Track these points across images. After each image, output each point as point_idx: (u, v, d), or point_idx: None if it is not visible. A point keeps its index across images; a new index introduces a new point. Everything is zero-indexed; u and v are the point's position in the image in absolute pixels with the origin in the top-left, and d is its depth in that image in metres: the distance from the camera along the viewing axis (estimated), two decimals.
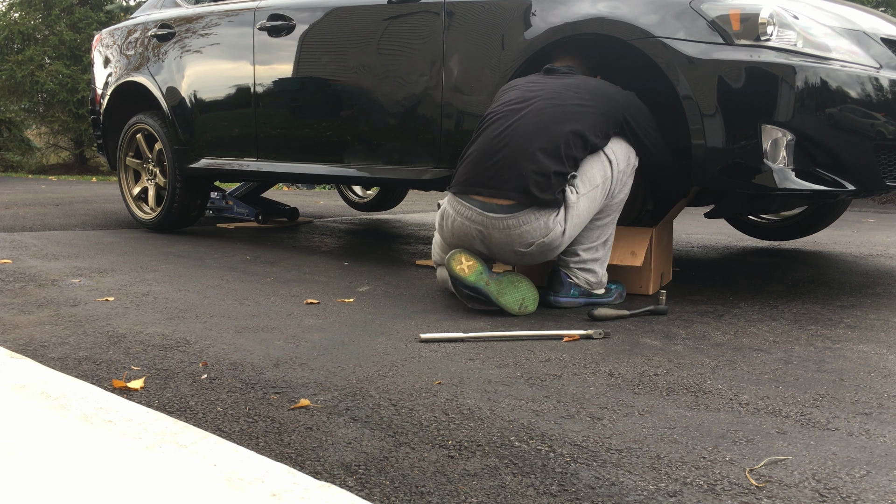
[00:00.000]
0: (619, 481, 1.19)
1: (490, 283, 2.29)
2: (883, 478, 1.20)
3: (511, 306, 2.29)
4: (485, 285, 2.29)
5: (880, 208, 6.54)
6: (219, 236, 4.16)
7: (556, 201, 2.25)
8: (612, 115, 2.37)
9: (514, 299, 2.30)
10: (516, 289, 2.30)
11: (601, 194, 2.35)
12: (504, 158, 2.27)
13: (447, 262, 2.31)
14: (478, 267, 2.29)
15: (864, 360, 1.85)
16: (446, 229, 2.41)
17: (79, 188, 7.93)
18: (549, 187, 2.23)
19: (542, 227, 2.26)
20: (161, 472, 1.11)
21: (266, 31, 3.57)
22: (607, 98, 2.39)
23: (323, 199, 7.44)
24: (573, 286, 2.42)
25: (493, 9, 2.83)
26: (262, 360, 1.82)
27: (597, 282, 2.44)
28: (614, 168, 2.36)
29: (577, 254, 2.42)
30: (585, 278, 2.42)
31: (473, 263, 2.29)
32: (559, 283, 2.42)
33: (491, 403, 1.53)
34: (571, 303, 2.42)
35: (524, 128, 2.29)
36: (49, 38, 12.05)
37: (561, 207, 2.27)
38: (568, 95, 2.35)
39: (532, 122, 2.30)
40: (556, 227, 2.27)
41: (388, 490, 1.16)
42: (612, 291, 2.49)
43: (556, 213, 2.27)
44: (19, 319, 2.19)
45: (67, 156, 13.36)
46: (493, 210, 2.27)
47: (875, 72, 2.41)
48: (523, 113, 2.33)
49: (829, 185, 2.36)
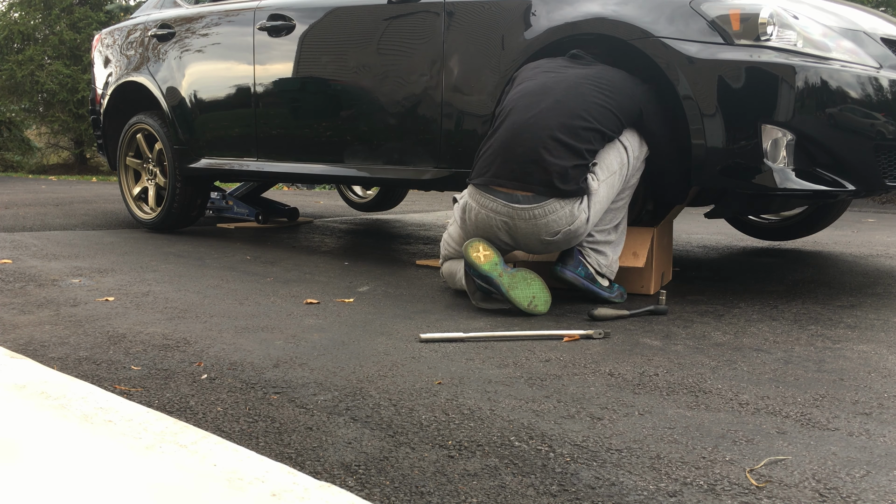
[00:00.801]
0: (619, 481, 1.19)
1: (503, 275, 2.29)
2: (883, 478, 1.20)
3: (521, 301, 2.29)
4: (497, 276, 2.29)
5: (880, 208, 6.54)
6: (219, 236, 4.16)
7: (581, 190, 2.30)
8: (629, 109, 2.42)
9: (525, 295, 2.30)
10: (528, 286, 2.31)
11: (619, 180, 2.41)
12: (527, 152, 2.31)
13: (465, 248, 2.32)
14: (494, 258, 2.31)
15: (864, 360, 1.85)
16: (469, 222, 2.43)
17: (79, 188, 7.93)
18: (571, 178, 2.27)
19: (567, 215, 2.30)
20: (161, 471, 1.11)
21: (266, 31, 3.57)
22: (626, 93, 2.43)
23: (323, 199, 7.44)
24: (582, 264, 2.44)
25: (493, 9, 2.83)
26: (262, 360, 1.82)
27: (607, 265, 2.47)
28: (630, 155, 2.42)
29: (591, 234, 2.46)
30: (597, 259, 2.46)
31: (490, 254, 2.31)
32: (570, 256, 2.45)
33: (491, 403, 1.53)
34: (574, 278, 2.43)
35: (545, 121, 2.32)
36: (49, 37, 12.05)
37: (584, 196, 2.32)
38: (587, 89, 2.38)
39: (551, 112, 2.33)
40: (580, 214, 2.32)
41: (388, 490, 1.16)
42: (613, 289, 2.50)
43: (581, 202, 2.31)
44: (19, 319, 2.19)
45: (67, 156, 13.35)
46: (517, 201, 2.30)
47: (875, 72, 2.41)
48: (543, 106, 2.36)
49: (830, 185, 2.36)
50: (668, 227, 2.80)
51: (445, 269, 2.64)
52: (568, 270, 2.43)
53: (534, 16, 2.72)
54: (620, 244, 2.52)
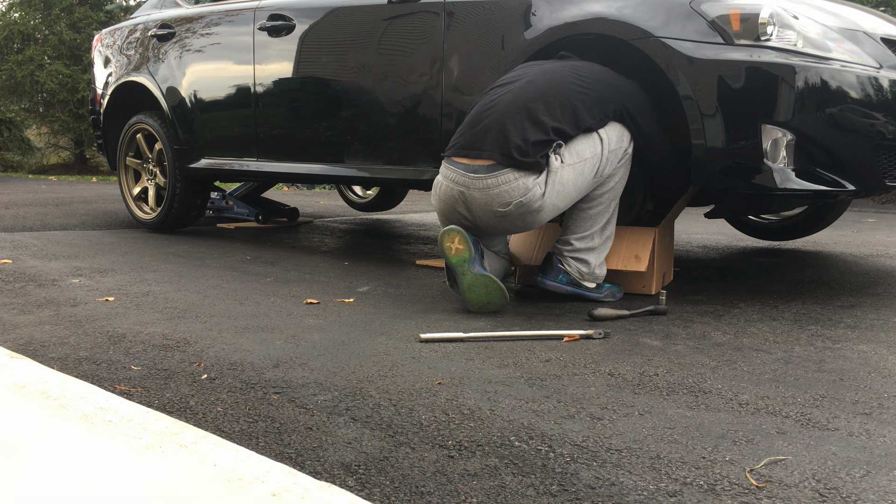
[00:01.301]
0: (619, 481, 1.19)
1: (467, 274, 2.30)
2: (883, 478, 1.20)
3: (473, 304, 2.31)
4: (461, 273, 2.30)
5: (880, 208, 6.54)
6: (219, 236, 4.16)
7: (538, 164, 2.26)
8: (611, 101, 2.40)
9: (480, 300, 2.31)
10: (486, 293, 2.30)
11: (590, 169, 2.36)
12: (490, 122, 2.32)
13: (441, 235, 2.32)
14: (465, 254, 2.30)
15: (864, 360, 1.85)
16: (436, 197, 2.45)
17: (79, 188, 7.93)
18: (530, 152, 2.25)
19: (520, 187, 2.26)
20: (161, 471, 1.11)
21: (266, 31, 3.57)
22: (608, 84, 2.43)
23: (323, 199, 7.44)
24: (562, 272, 2.44)
25: (493, 9, 2.83)
26: (262, 360, 1.82)
27: (589, 273, 2.45)
28: (605, 146, 2.38)
29: (569, 242, 2.44)
30: (577, 268, 2.43)
31: (463, 248, 2.30)
32: (550, 266, 2.45)
33: (491, 403, 1.53)
34: (557, 287, 2.43)
35: (512, 95, 2.35)
36: (49, 37, 12.05)
37: (543, 172, 2.28)
38: (565, 75, 2.39)
39: (521, 90, 2.35)
40: (535, 188, 2.27)
41: (388, 490, 1.16)
42: (602, 288, 2.49)
43: (537, 176, 2.27)
44: (19, 319, 2.19)
45: (67, 156, 13.35)
46: (475, 171, 2.30)
47: (875, 72, 2.41)
48: (515, 84, 2.39)
49: (829, 185, 2.36)
50: (670, 227, 2.80)
51: None
52: (549, 280, 2.44)
53: (534, 16, 2.72)
54: (605, 249, 2.48)
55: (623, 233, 2.63)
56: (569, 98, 2.33)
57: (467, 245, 2.30)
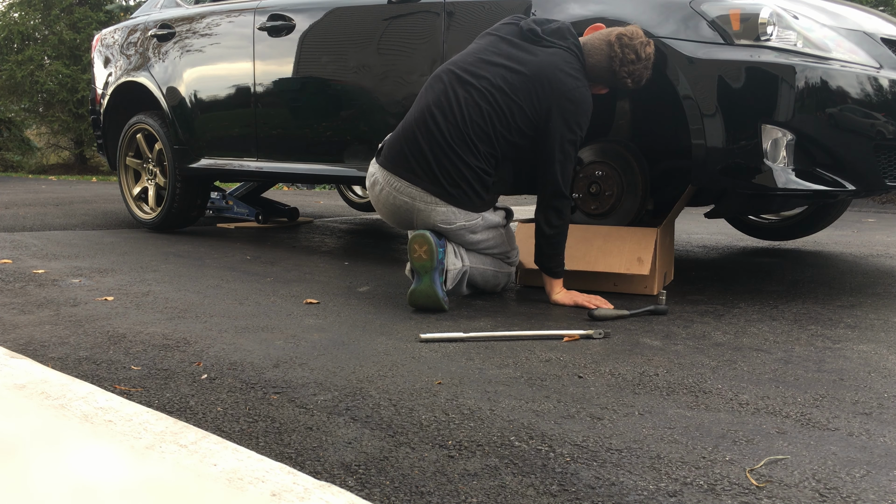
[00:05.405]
0: (619, 481, 1.19)
1: (422, 279, 2.32)
2: (883, 478, 1.20)
3: (410, 303, 2.36)
4: (418, 274, 2.34)
5: (880, 208, 6.54)
6: (219, 236, 4.16)
7: (477, 209, 2.41)
8: (535, 111, 2.34)
9: (417, 303, 2.35)
10: (427, 303, 2.34)
11: (500, 238, 2.53)
12: (424, 160, 2.38)
13: (410, 238, 2.36)
14: (427, 263, 2.32)
15: (864, 360, 1.85)
16: (373, 197, 2.51)
17: (79, 188, 7.94)
18: (466, 199, 2.37)
19: (465, 215, 2.40)
20: (161, 471, 1.12)
21: (266, 31, 3.57)
22: (538, 94, 2.34)
23: (323, 199, 7.44)
24: None
25: (493, 9, 2.83)
26: (262, 360, 1.82)
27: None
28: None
29: None
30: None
31: (427, 259, 2.32)
32: None
33: (491, 403, 1.53)
34: None
35: (443, 137, 2.36)
36: (49, 37, 12.05)
37: (479, 218, 2.43)
38: (499, 99, 2.34)
39: (450, 134, 2.35)
40: (477, 219, 2.42)
41: (388, 490, 1.16)
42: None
43: (478, 218, 2.42)
44: (19, 319, 2.19)
45: (67, 156, 13.35)
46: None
47: (875, 72, 2.41)
48: (445, 121, 2.36)
49: (829, 185, 2.36)
50: (670, 227, 2.80)
51: None
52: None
53: (534, 15, 2.71)
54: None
55: (625, 234, 2.62)
56: (488, 145, 2.37)
57: (432, 254, 2.32)
